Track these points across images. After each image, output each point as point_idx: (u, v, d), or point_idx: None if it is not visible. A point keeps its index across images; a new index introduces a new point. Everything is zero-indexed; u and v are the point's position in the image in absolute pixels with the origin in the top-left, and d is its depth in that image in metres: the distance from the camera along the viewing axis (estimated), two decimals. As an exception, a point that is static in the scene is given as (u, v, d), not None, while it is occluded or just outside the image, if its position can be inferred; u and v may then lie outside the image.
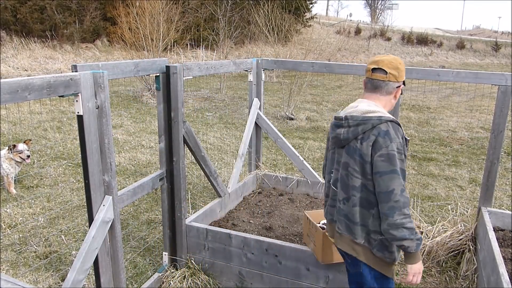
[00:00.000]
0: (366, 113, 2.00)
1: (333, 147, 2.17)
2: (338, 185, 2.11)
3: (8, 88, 1.79)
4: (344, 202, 2.07)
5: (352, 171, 2.01)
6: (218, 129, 8.21)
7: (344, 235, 2.09)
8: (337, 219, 2.12)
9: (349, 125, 2.02)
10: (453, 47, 36.09)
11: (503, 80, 3.42)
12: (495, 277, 2.63)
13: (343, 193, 2.07)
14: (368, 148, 1.95)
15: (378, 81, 2.08)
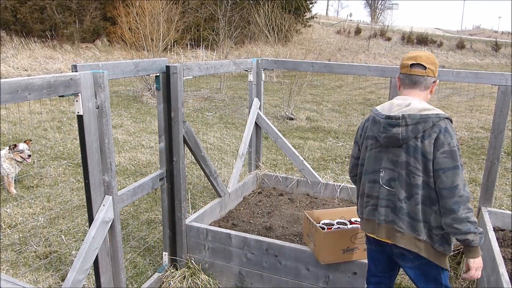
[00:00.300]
0: (422, 111, 2.02)
1: (378, 146, 2.16)
2: (394, 184, 2.11)
3: (8, 88, 1.79)
4: (405, 201, 2.08)
5: (414, 170, 2.03)
6: (218, 129, 8.21)
7: (406, 233, 2.09)
8: (398, 218, 2.11)
9: (407, 124, 2.01)
10: (453, 47, 36.09)
11: (503, 80, 3.42)
12: (495, 277, 2.63)
13: (404, 192, 2.08)
14: (431, 146, 1.98)
15: (417, 76, 2.12)
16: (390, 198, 2.13)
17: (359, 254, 2.78)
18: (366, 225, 2.28)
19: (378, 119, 2.13)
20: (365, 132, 2.24)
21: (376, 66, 3.97)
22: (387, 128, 2.07)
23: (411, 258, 2.14)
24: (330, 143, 7.57)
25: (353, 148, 2.36)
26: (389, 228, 2.14)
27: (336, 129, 8.71)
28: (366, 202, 2.25)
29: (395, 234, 2.12)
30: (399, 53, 31.41)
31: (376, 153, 2.17)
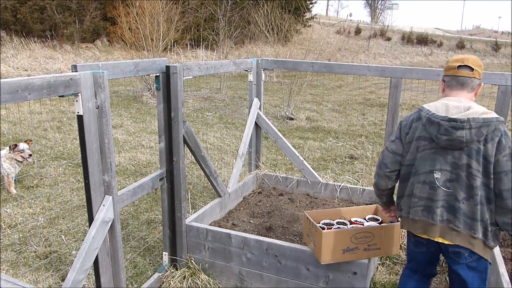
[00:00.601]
0: (484, 114, 2.07)
1: (432, 147, 2.17)
2: (451, 185, 2.15)
3: (8, 88, 1.79)
4: (464, 201, 2.13)
5: (475, 172, 2.08)
6: (218, 129, 8.21)
7: (462, 232, 2.15)
8: (455, 218, 2.16)
9: (471, 127, 2.05)
10: (453, 47, 36.10)
11: (503, 80, 3.42)
12: (495, 277, 2.64)
13: (463, 193, 2.13)
14: (493, 149, 2.04)
15: (464, 77, 2.18)
16: (445, 198, 2.17)
17: (359, 254, 2.78)
18: (414, 225, 2.30)
19: (437, 120, 2.12)
20: (414, 132, 2.23)
21: (376, 66, 3.97)
22: (450, 130, 2.08)
23: (466, 255, 2.19)
24: (330, 143, 7.57)
25: (395, 144, 2.33)
26: (444, 227, 2.19)
27: (336, 129, 8.71)
28: (414, 202, 2.26)
29: (450, 232, 2.17)
30: (399, 53, 31.42)
31: (430, 154, 2.18)
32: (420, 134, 2.21)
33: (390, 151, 2.34)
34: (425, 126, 2.18)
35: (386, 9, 57.81)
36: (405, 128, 2.30)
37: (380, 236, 2.82)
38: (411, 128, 2.26)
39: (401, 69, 3.86)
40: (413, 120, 2.27)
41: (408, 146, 2.26)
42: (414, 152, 2.24)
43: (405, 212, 2.34)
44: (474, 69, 2.17)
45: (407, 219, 2.34)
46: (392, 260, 3.63)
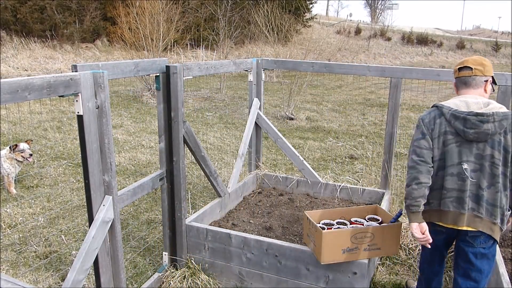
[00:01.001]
0: (501, 109, 2.27)
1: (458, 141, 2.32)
2: (476, 175, 2.31)
3: (8, 88, 1.79)
4: (486, 189, 2.30)
5: (497, 161, 2.27)
6: (218, 129, 8.21)
7: (484, 218, 2.32)
8: (479, 205, 2.32)
9: (495, 121, 2.23)
10: (453, 47, 36.10)
11: (503, 80, 3.42)
12: (495, 277, 2.63)
13: (486, 181, 2.30)
14: (511, 140, 2.26)
15: (465, 77, 2.40)
16: (471, 188, 2.33)
17: (359, 254, 2.78)
18: (444, 216, 2.40)
19: (463, 116, 2.28)
20: (439, 128, 2.36)
21: (376, 66, 3.97)
22: (478, 124, 2.25)
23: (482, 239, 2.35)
24: (330, 143, 7.57)
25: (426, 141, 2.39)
26: (470, 216, 2.34)
27: (336, 129, 8.71)
28: (444, 194, 2.38)
29: (475, 220, 2.33)
30: (399, 53, 31.41)
31: (456, 148, 2.33)
32: (446, 129, 2.34)
33: (424, 148, 2.39)
34: (449, 121, 2.33)
35: (386, 9, 57.81)
36: (429, 125, 2.39)
37: (380, 236, 2.82)
38: (435, 124, 2.37)
39: (401, 69, 3.86)
40: (436, 117, 2.39)
41: (435, 141, 2.37)
42: (441, 147, 2.37)
43: (435, 205, 2.43)
44: (473, 68, 2.36)
45: (437, 211, 2.43)
46: (392, 260, 3.63)
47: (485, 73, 2.38)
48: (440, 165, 2.38)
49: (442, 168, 2.37)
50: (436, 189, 2.41)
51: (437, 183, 2.40)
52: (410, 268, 3.54)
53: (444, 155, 2.36)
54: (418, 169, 2.36)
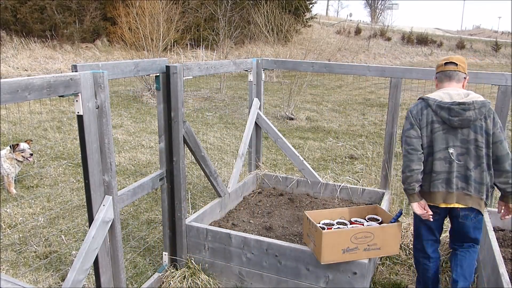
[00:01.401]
0: (479, 98, 2.57)
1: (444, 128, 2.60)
2: (463, 158, 2.60)
3: (8, 88, 1.79)
4: (473, 170, 2.59)
5: (481, 144, 2.56)
6: (218, 129, 8.21)
7: (473, 195, 2.62)
8: (468, 185, 2.60)
9: (475, 108, 2.53)
10: (453, 47, 36.09)
11: (503, 80, 3.43)
12: (495, 277, 2.63)
13: (472, 163, 2.59)
14: (491, 124, 2.56)
15: (450, 71, 2.71)
16: (458, 170, 2.61)
17: (359, 254, 2.78)
18: (434, 196, 2.66)
19: (447, 106, 2.57)
20: (426, 118, 2.63)
21: (376, 66, 3.97)
22: (461, 112, 2.54)
23: (472, 216, 2.67)
24: (330, 143, 7.58)
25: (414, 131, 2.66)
26: (460, 194, 2.63)
27: (336, 129, 8.71)
28: (433, 177, 2.64)
29: (464, 197, 2.62)
30: (399, 53, 31.40)
31: (443, 134, 2.60)
32: (432, 119, 2.62)
33: (414, 137, 2.66)
34: (435, 111, 2.61)
35: (386, 9, 57.80)
36: (417, 116, 2.66)
37: (380, 236, 2.82)
38: (423, 115, 2.65)
39: (401, 69, 3.86)
40: (422, 108, 2.66)
41: (423, 130, 2.65)
42: (429, 135, 2.64)
43: (426, 187, 2.69)
44: (458, 64, 2.70)
45: (428, 193, 2.69)
46: (392, 260, 3.63)
47: (465, 71, 2.73)
48: (429, 151, 2.65)
49: (431, 153, 2.63)
50: (426, 173, 2.67)
51: (427, 168, 2.67)
52: (410, 268, 3.53)
53: (432, 142, 2.63)
54: (410, 158, 2.66)
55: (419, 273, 2.98)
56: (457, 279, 2.78)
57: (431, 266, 2.88)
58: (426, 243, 2.86)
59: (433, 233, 2.84)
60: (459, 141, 2.59)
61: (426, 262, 2.89)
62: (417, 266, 2.99)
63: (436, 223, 2.79)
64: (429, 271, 2.89)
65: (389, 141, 4.00)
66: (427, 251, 2.86)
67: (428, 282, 2.92)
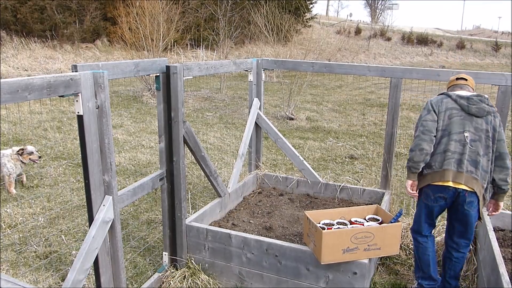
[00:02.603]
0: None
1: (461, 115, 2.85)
2: (475, 144, 2.81)
3: (8, 88, 1.79)
4: (482, 157, 2.82)
5: (490, 136, 2.83)
6: (218, 129, 8.21)
7: (479, 181, 2.82)
8: (476, 169, 2.81)
9: (488, 104, 2.84)
10: (453, 47, 36.09)
11: (503, 80, 3.43)
12: (495, 277, 2.64)
13: (482, 150, 2.82)
14: (497, 123, 2.85)
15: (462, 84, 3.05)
16: (470, 154, 2.82)
17: (359, 254, 2.78)
18: (444, 174, 2.84)
19: (466, 96, 2.87)
20: (446, 105, 2.89)
21: (376, 66, 3.97)
22: (478, 101, 2.83)
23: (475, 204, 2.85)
24: (330, 143, 7.58)
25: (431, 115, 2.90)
26: (468, 177, 2.81)
27: (336, 129, 8.71)
28: (447, 156, 2.84)
29: (472, 180, 2.81)
30: (399, 53, 31.40)
31: (460, 120, 2.85)
32: (452, 106, 2.89)
33: (429, 120, 2.89)
34: (455, 100, 2.89)
35: (386, 9, 57.79)
36: (437, 103, 2.93)
37: (380, 236, 2.82)
38: (442, 102, 2.91)
39: (401, 69, 3.86)
40: (443, 98, 2.95)
41: (441, 115, 2.88)
42: (446, 120, 2.87)
43: (437, 166, 2.87)
44: (468, 80, 3.07)
45: (439, 172, 2.86)
46: (392, 260, 3.63)
47: (473, 86, 3.08)
48: (444, 134, 2.87)
49: (447, 135, 2.85)
50: (439, 153, 2.87)
51: (440, 148, 2.87)
52: (410, 268, 3.53)
53: (449, 126, 2.86)
54: (422, 138, 2.85)
55: (419, 257, 3.11)
56: (450, 281, 3.07)
57: (429, 243, 3.07)
58: (424, 224, 3.05)
59: (432, 217, 3.02)
60: (473, 128, 2.83)
61: (424, 240, 3.07)
62: (416, 249, 3.13)
63: (438, 208, 2.96)
64: (428, 249, 3.06)
65: (389, 141, 4.00)
66: (424, 232, 3.07)
67: (428, 262, 3.05)
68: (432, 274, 3.07)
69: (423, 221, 3.06)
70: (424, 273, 3.09)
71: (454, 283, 3.08)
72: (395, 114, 3.93)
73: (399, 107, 3.94)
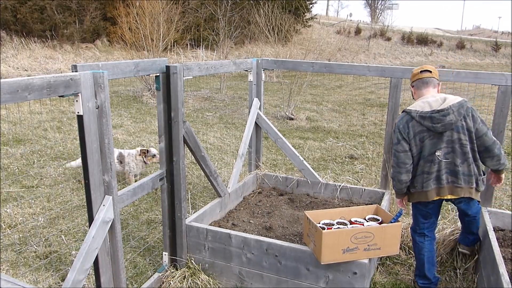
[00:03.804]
0: (456, 100, 2.83)
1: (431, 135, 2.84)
2: (449, 156, 2.85)
3: (8, 88, 1.79)
4: (461, 165, 2.85)
5: (464, 142, 2.82)
6: (218, 129, 8.21)
7: (463, 187, 2.88)
8: (457, 178, 2.87)
9: (453, 112, 2.78)
10: (453, 47, 36.10)
11: (503, 80, 3.43)
12: (495, 277, 2.64)
13: (459, 159, 2.84)
14: (471, 122, 2.82)
15: (426, 78, 3.01)
16: (448, 166, 2.87)
17: (359, 254, 2.78)
18: (428, 193, 2.92)
19: (428, 115, 2.82)
20: (413, 130, 2.88)
21: (376, 66, 3.97)
22: (442, 119, 2.78)
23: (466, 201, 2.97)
24: (330, 143, 7.58)
25: (401, 145, 2.92)
26: (450, 187, 2.90)
27: (336, 129, 8.71)
28: (425, 177, 2.90)
29: (456, 189, 2.89)
30: (399, 53, 31.40)
31: (431, 140, 2.85)
32: (419, 129, 2.87)
33: (402, 151, 2.92)
34: (419, 122, 2.85)
35: (386, 9, 57.80)
36: (404, 130, 2.91)
37: (380, 236, 2.82)
38: (409, 127, 2.89)
39: (401, 69, 3.86)
40: (408, 121, 2.91)
41: (412, 141, 2.89)
42: (418, 144, 2.89)
43: (419, 187, 2.95)
44: (432, 71, 3.02)
45: (422, 192, 2.95)
46: (392, 260, 3.63)
47: (438, 77, 3.05)
48: (419, 157, 2.91)
49: (422, 157, 2.89)
50: (419, 175, 2.94)
51: (419, 170, 2.93)
52: (410, 268, 3.54)
53: (422, 149, 2.88)
54: (399, 170, 2.95)
55: (416, 255, 3.18)
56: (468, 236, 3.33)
57: (426, 244, 3.11)
58: (423, 224, 3.11)
59: (429, 218, 3.09)
60: (444, 142, 2.84)
61: (421, 240, 3.12)
62: (414, 247, 3.21)
63: (432, 210, 3.06)
64: (423, 249, 3.10)
65: (389, 141, 4.00)
66: (423, 231, 3.12)
67: (423, 261, 3.10)
68: (427, 273, 3.11)
69: (420, 222, 3.12)
70: (419, 271, 3.15)
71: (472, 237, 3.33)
72: (395, 114, 3.93)
73: (399, 107, 3.94)
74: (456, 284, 3.34)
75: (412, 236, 3.21)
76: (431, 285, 3.13)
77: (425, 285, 3.13)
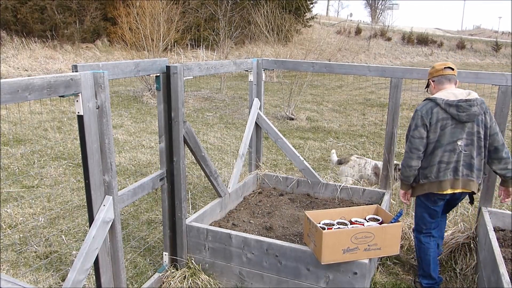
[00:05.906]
0: (477, 96, 2.91)
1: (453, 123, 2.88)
2: (468, 148, 2.90)
3: (9, 88, 1.79)
4: (475, 158, 2.91)
5: (482, 136, 2.90)
6: (219, 129, 8.21)
7: (474, 181, 2.96)
8: (471, 171, 2.93)
9: (477, 104, 2.86)
10: (453, 47, 36.07)
11: (504, 80, 3.43)
12: (495, 277, 2.64)
13: (475, 152, 2.91)
14: (488, 119, 2.92)
15: (450, 75, 3.05)
16: (465, 159, 2.92)
17: (359, 254, 2.78)
18: (442, 184, 2.94)
19: (455, 103, 2.86)
20: (436, 116, 2.90)
21: (376, 66, 3.97)
22: (468, 108, 2.85)
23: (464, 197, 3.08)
24: (330, 143, 7.57)
25: (418, 131, 2.93)
26: (465, 180, 2.95)
27: (337, 129, 8.71)
28: (442, 167, 2.92)
29: (469, 183, 2.96)
30: (400, 53, 31.38)
31: (452, 129, 2.89)
32: (442, 116, 2.89)
33: (417, 137, 2.94)
34: (444, 109, 2.88)
35: (386, 9, 57.77)
36: (426, 115, 2.92)
37: (381, 236, 2.82)
38: (432, 113, 2.91)
39: (401, 69, 3.86)
40: (432, 107, 2.92)
41: (432, 127, 2.91)
42: (438, 131, 2.91)
43: (433, 177, 2.96)
44: (454, 69, 3.07)
45: (435, 182, 2.96)
46: (392, 260, 3.63)
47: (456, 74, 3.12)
48: (437, 145, 2.92)
49: (440, 146, 2.91)
50: (434, 165, 2.94)
51: (435, 160, 2.94)
52: (411, 269, 3.53)
53: (441, 137, 2.90)
54: (410, 156, 2.98)
55: (420, 256, 3.19)
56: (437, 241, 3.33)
57: (432, 244, 3.15)
58: (430, 224, 3.14)
59: (436, 217, 3.13)
60: (465, 133, 2.89)
61: (427, 241, 3.15)
62: (418, 248, 3.21)
63: (439, 208, 3.09)
64: (429, 250, 3.13)
65: (390, 141, 4.00)
66: (430, 231, 3.15)
67: (429, 261, 3.12)
68: (432, 273, 3.12)
69: (428, 222, 3.14)
70: (424, 272, 3.16)
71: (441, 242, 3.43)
72: (396, 114, 3.93)
73: (400, 107, 3.94)
74: (456, 284, 3.34)
75: (417, 237, 3.22)
76: (435, 285, 3.15)
77: (430, 285, 3.15)
